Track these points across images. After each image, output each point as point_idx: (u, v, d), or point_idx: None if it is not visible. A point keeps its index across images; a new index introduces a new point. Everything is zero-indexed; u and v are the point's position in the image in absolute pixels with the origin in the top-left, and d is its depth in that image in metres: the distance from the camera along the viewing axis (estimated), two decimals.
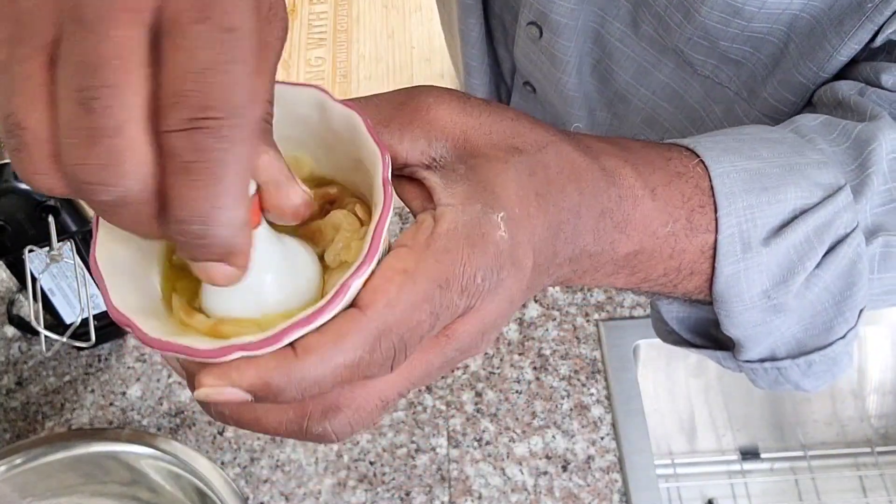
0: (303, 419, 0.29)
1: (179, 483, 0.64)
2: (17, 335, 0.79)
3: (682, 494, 0.85)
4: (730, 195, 0.38)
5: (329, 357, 0.27)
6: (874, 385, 0.80)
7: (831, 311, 0.41)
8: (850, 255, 0.40)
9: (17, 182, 0.61)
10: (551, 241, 0.33)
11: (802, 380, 0.44)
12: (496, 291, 0.31)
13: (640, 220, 0.37)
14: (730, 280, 0.39)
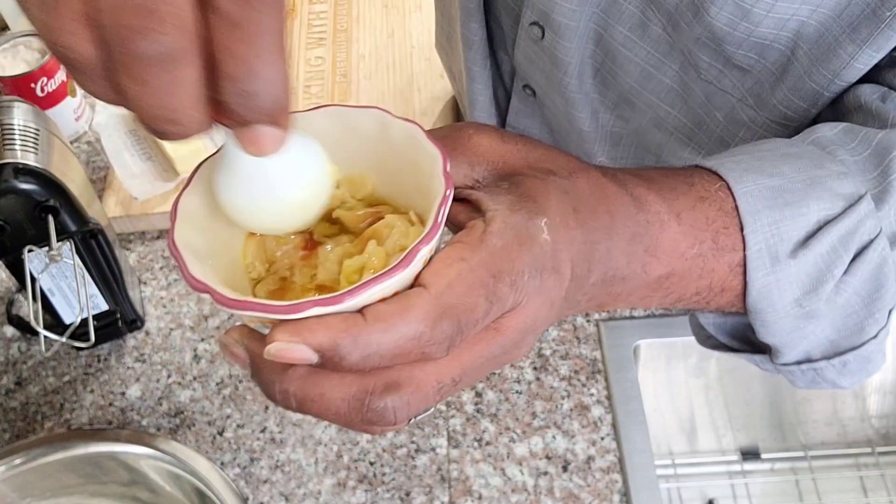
0: (365, 394, 0.30)
1: (179, 483, 0.64)
2: (16, 335, 0.78)
3: (683, 495, 0.85)
4: (755, 213, 0.39)
5: (395, 326, 0.29)
6: (875, 385, 0.80)
7: (862, 312, 0.43)
8: (876, 260, 0.41)
9: (17, 182, 0.61)
10: (587, 256, 0.35)
11: (839, 378, 0.45)
12: (539, 292, 0.33)
13: (668, 244, 0.38)
14: (761, 293, 0.40)
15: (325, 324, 0.29)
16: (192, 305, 0.79)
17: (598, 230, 0.36)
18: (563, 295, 0.34)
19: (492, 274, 0.31)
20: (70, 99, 0.91)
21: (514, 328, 0.33)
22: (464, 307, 0.30)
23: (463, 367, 0.32)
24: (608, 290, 0.38)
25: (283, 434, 0.70)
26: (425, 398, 0.31)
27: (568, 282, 0.34)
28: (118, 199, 0.84)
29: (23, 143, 0.62)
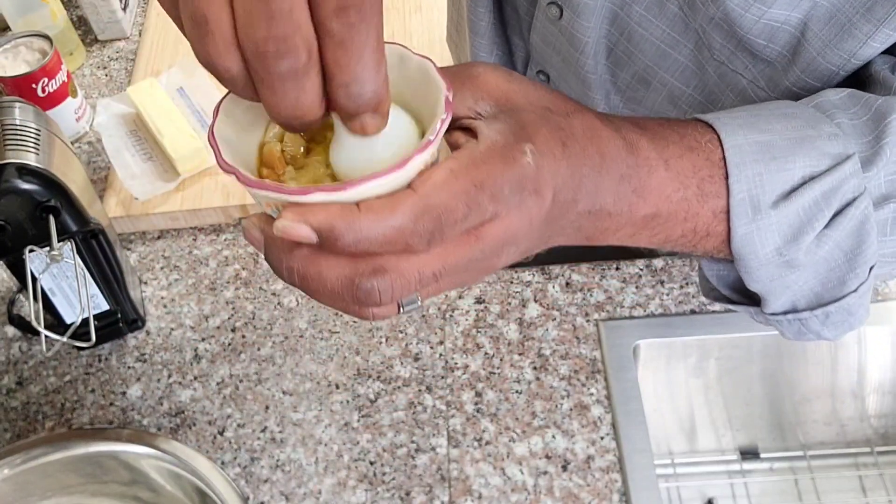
0: (355, 275, 0.36)
1: (180, 483, 0.64)
2: (17, 335, 0.79)
3: (682, 494, 0.85)
4: (741, 164, 0.43)
5: (383, 217, 0.34)
6: (874, 385, 0.80)
7: (843, 266, 0.46)
8: (858, 217, 0.44)
9: (18, 182, 0.61)
10: (572, 187, 0.39)
11: (822, 330, 0.48)
12: (519, 208, 0.37)
13: (655, 187, 0.42)
14: (744, 239, 0.44)
15: (325, 209, 0.34)
16: (192, 305, 0.79)
17: (586, 166, 0.40)
18: (543, 216, 0.38)
19: (474, 184, 0.35)
20: (71, 99, 0.91)
21: (493, 236, 0.37)
22: (444, 208, 0.35)
23: (444, 263, 0.37)
24: (596, 223, 0.42)
25: (283, 434, 0.70)
26: (407, 285, 0.36)
27: (549, 205, 0.38)
28: (119, 200, 0.84)
29: (24, 144, 0.63)
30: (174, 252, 0.83)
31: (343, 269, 0.36)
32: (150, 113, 0.87)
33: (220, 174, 0.85)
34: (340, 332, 0.76)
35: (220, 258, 0.82)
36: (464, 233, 0.37)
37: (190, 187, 0.84)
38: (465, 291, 0.77)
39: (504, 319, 0.75)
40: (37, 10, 0.95)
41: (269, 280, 0.80)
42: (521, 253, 0.40)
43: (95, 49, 1.03)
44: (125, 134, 0.89)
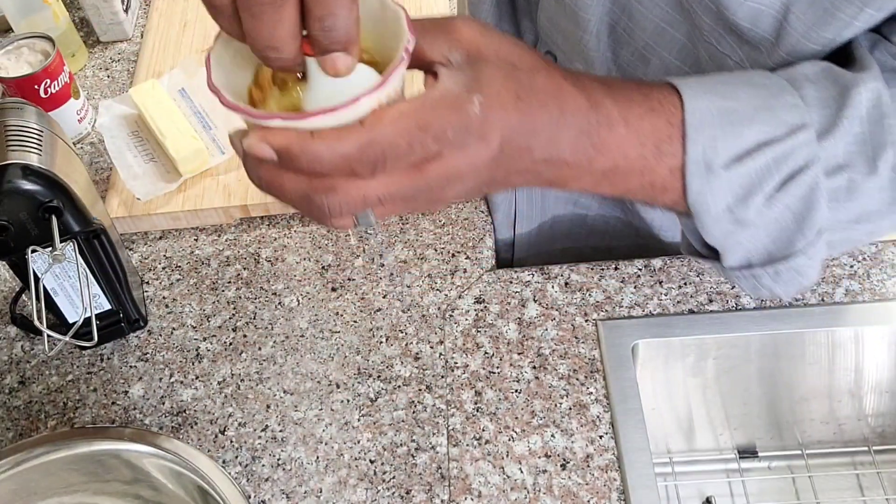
0: (309, 190, 0.42)
1: (181, 481, 0.65)
2: (20, 335, 0.79)
3: (680, 493, 0.85)
4: (698, 127, 0.47)
5: (332, 145, 0.39)
6: (871, 384, 0.81)
7: (793, 227, 0.49)
8: (808, 183, 0.48)
9: (21, 183, 0.61)
10: (525, 136, 0.44)
11: (774, 286, 0.52)
12: (461, 149, 0.42)
13: (613, 143, 0.46)
14: (697, 196, 0.48)
15: (283, 134, 0.40)
16: (194, 305, 0.79)
17: (542, 119, 0.44)
18: (488, 159, 0.43)
19: (419, 125, 0.40)
20: (73, 101, 0.91)
21: (436, 173, 0.42)
22: (388, 143, 0.40)
23: (387, 190, 0.42)
24: (555, 171, 0.47)
25: (284, 433, 0.71)
26: (353, 204, 0.42)
27: (495, 151, 0.43)
28: (121, 200, 0.85)
29: (26, 145, 0.63)
30: (176, 252, 0.83)
31: (300, 184, 0.42)
32: (152, 114, 0.87)
33: (222, 175, 0.85)
34: (341, 332, 0.76)
35: (221, 258, 0.83)
36: (409, 166, 0.42)
37: (191, 188, 0.85)
38: (465, 291, 0.78)
39: (503, 319, 0.76)
40: (39, 12, 0.95)
41: (270, 280, 0.80)
42: (472, 189, 0.45)
43: (97, 50, 1.04)
44: (127, 135, 0.90)
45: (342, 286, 0.79)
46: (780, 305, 0.75)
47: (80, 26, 1.06)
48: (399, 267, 0.80)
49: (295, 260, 0.82)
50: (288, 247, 0.83)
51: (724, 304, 0.75)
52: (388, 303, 0.78)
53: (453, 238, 0.82)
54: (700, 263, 0.54)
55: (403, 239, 0.82)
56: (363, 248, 0.82)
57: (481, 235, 0.82)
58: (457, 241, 0.82)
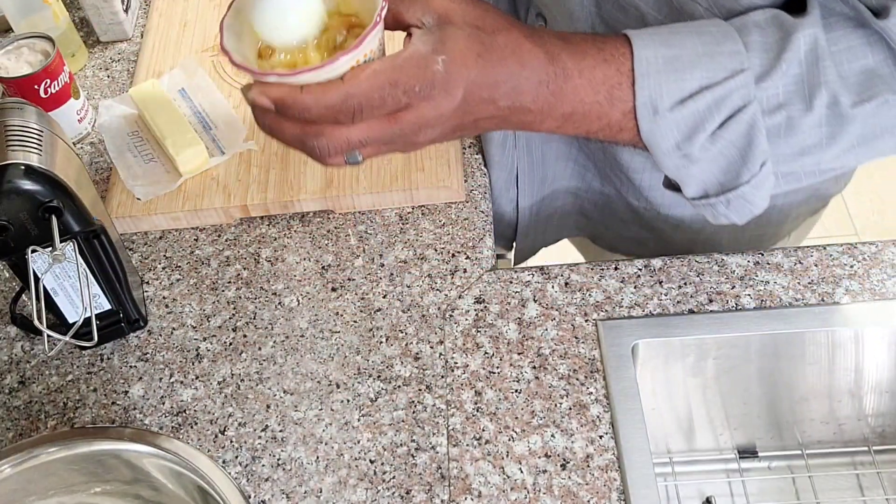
0: (303, 135, 0.51)
1: (181, 481, 0.65)
2: (20, 335, 0.79)
3: (680, 493, 0.85)
4: (645, 75, 0.53)
5: (318, 97, 0.49)
6: (871, 384, 0.81)
7: (738, 160, 0.56)
8: (747, 121, 0.54)
9: (21, 183, 0.61)
10: (487, 90, 0.52)
11: (728, 213, 0.59)
12: (428, 101, 0.50)
13: (570, 91, 0.54)
14: (648, 135, 0.55)
15: (279, 87, 0.50)
16: (194, 305, 0.79)
17: (503, 73, 0.52)
18: (454, 109, 0.51)
19: (389, 82, 0.49)
20: (73, 101, 0.91)
21: (408, 121, 0.51)
22: (364, 96, 0.49)
23: (367, 135, 0.51)
24: (520, 116, 0.54)
25: (284, 433, 0.71)
26: (339, 146, 0.51)
27: (459, 102, 0.51)
28: (121, 200, 0.85)
29: (26, 145, 0.63)
30: (176, 252, 0.84)
31: (295, 130, 0.52)
32: (152, 114, 0.87)
33: (222, 175, 0.85)
34: (341, 332, 0.76)
35: (221, 258, 0.83)
36: (384, 115, 0.51)
37: (191, 188, 0.85)
38: (465, 291, 0.78)
39: (503, 319, 0.76)
40: (39, 12, 0.96)
41: (269, 280, 0.80)
42: (443, 133, 0.54)
43: (97, 50, 1.04)
44: (127, 135, 0.90)
45: (342, 286, 0.79)
46: (780, 305, 0.75)
47: (80, 26, 1.06)
48: (399, 267, 0.80)
49: (295, 260, 0.82)
50: (288, 247, 0.83)
51: (724, 304, 0.75)
52: (388, 303, 0.78)
53: (453, 238, 0.82)
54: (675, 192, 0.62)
55: (403, 239, 0.82)
56: (363, 248, 0.82)
57: (481, 235, 0.82)
58: (457, 241, 0.82)
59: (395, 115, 0.51)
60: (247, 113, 0.91)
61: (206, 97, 0.92)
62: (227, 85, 0.94)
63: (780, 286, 0.76)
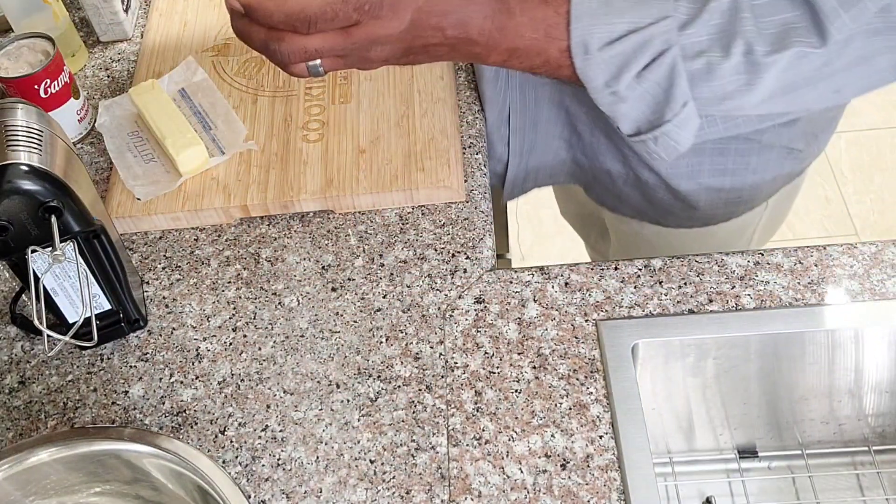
0: (267, 38, 0.59)
1: (181, 481, 0.65)
2: (20, 335, 0.79)
3: (681, 493, 0.85)
4: (579, 17, 0.60)
5: (279, 5, 0.57)
6: (871, 384, 0.81)
7: (662, 99, 0.61)
8: (668, 64, 0.60)
9: (21, 183, 0.61)
10: (435, 18, 0.59)
11: (657, 149, 0.65)
12: (377, 20, 0.58)
13: (511, 28, 0.61)
14: (582, 72, 0.61)
15: None
16: (194, 305, 0.79)
17: (451, 5, 0.59)
18: (402, 30, 0.59)
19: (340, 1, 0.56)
20: (73, 101, 0.91)
21: (359, 35, 0.58)
22: (318, 8, 0.56)
23: (322, 44, 0.58)
24: (468, 48, 0.62)
25: (284, 433, 0.71)
26: (298, 52, 0.59)
27: (407, 25, 0.58)
28: (121, 200, 0.85)
29: (26, 145, 0.63)
30: (176, 252, 0.84)
31: (260, 35, 0.59)
32: (152, 114, 0.87)
33: (222, 175, 0.85)
34: (341, 332, 0.76)
35: (221, 258, 0.83)
36: (338, 30, 0.58)
37: (192, 188, 0.85)
38: (465, 291, 0.78)
39: (503, 319, 0.76)
40: (39, 12, 0.96)
41: (269, 280, 0.80)
42: (394, 53, 0.61)
43: (97, 50, 1.04)
44: (127, 135, 0.90)
45: (342, 286, 0.79)
46: (780, 305, 0.75)
47: (81, 26, 1.06)
48: (399, 267, 0.80)
49: (295, 260, 0.82)
50: (288, 247, 0.83)
51: (724, 304, 0.75)
52: (388, 303, 0.78)
53: (453, 238, 0.82)
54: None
55: (403, 239, 0.82)
56: (363, 248, 0.82)
57: (481, 235, 0.82)
58: (457, 241, 0.82)
59: (347, 30, 0.58)
60: (246, 113, 0.91)
61: (206, 97, 0.92)
62: (227, 85, 0.94)
63: (780, 286, 0.76)
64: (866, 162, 2.21)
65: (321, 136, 0.88)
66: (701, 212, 0.91)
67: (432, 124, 0.87)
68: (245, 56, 0.97)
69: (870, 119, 2.30)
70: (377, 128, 0.88)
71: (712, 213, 0.92)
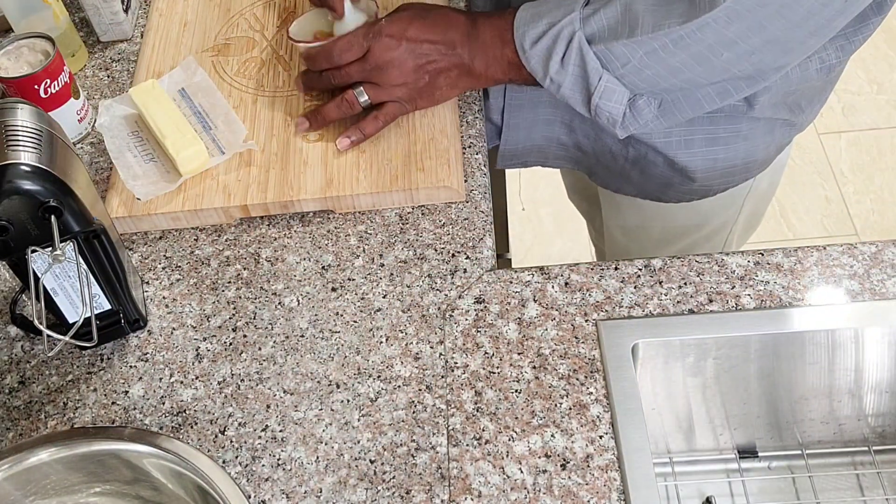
0: (326, 74, 0.85)
1: (181, 481, 0.65)
2: (20, 335, 0.79)
3: (681, 493, 0.85)
4: (518, 25, 0.78)
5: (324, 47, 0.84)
6: (871, 384, 0.81)
7: (583, 77, 0.77)
8: (577, 47, 0.75)
9: (21, 183, 0.61)
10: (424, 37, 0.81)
11: (603, 122, 0.79)
12: (379, 41, 0.81)
13: (480, 36, 0.81)
14: (528, 68, 0.79)
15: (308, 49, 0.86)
16: (194, 305, 0.79)
17: (433, 33, 0.81)
18: (401, 51, 0.81)
19: (353, 34, 0.82)
20: (73, 101, 0.91)
21: (372, 59, 0.81)
22: (342, 41, 0.82)
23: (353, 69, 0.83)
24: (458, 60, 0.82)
25: (284, 433, 0.71)
26: (342, 76, 0.84)
27: (404, 45, 0.81)
28: (121, 200, 0.85)
29: (26, 144, 0.63)
30: (176, 252, 0.84)
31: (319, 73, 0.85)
32: (152, 114, 0.87)
33: (222, 175, 0.85)
34: (341, 332, 0.76)
35: (221, 258, 0.83)
36: (360, 58, 0.82)
37: (192, 188, 0.85)
38: (465, 291, 0.78)
39: (503, 319, 0.76)
40: (39, 12, 0.96)
41: (269, 280, 0.80)
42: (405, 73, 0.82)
43: (97, 50, 1.04)
44: (127, 135, 0.90)
45: (342, 286, 0.79)
46: (780, 305, 0.75)
47: (81, 26, 1.06)
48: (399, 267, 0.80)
49: (295, 260, 0.82)
50: (288, 247, 0.83)
51: (724, 304, 0.75)
52: (388, 303, 0.78)
53: (453, 238, 0.82)
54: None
55: (403, 239, 0.82)
56: (363, 248, 0.82)
57: (481, 235, 0.82)
58: (457, 241, 0.82)
59: (364, 56, 0.81)
60: (246, 113, 0.91)
61: (206, 97, 0.92)
62: (227, 85, 0.94)
63: (780, 286, 0.76)
64: (866, 162, 2.21)
65: (321, 136, 0.88)
66: (698, 183, 0.96)
67: (432, 124, 0.87)
68: (245, 56, 0.97)
69: (870, 119, 2.30)
70: None
71: (709, 184, 0.97)
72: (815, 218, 2.11)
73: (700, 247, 1.10)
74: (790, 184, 2.16)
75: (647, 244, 1.12)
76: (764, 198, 1.08)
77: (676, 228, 1.07)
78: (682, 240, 1.09)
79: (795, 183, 2.17)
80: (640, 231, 1.10)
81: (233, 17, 1.02)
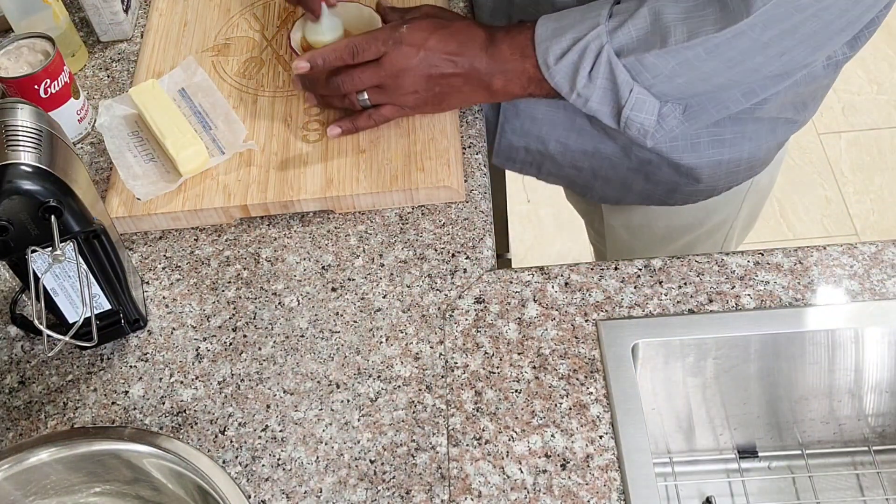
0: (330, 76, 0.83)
1: (181, 481, 0.65)
2: (20, 335, 0.79)
3: (681, 493, 0.85)
4: (539, 42, 0.77)
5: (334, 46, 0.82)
6: (871, 384, 0.81)
7: (613, 90, 0.76)
8: (606, 60, 0.74)
9: (21, 183, 0.61)
10: (445, 52, 0.80)
11: (632, 135, 0.79)
12: (397, 51, 0.80)
13: (500, 53, 0.80)
14: (552, 83, 0.78)
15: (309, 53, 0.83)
16: (194, 305, 0.79)
17: (455, 43, 0.80)
18: (419, 60, 0.80)
19: (370, 36, 0.81)
20: (73, 100, 0.91)
21: (387, 64, 0.80)
22: (359, 40, 0.81)
23: (365, 73, 0.81)
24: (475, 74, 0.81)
25: (284, 433, 0.71)
26: (349, 80, 0.82)
27: (422, 55, 0.80)
28: (121, 200, 0.85)
29: (26, 144, 0.63)
30: (176, 252, 0.84)
31: (324, 75, 0.83)
32: (152, 114, 0.87)
33: (222, 175, 0.85)
34: (341, 332, 0.76)
35: (221, 258, 0.83)
36: (374, 62, 0.81)
37: (192, 188, 0.85)
38: (465, 291, 0.78)
39: (503, 319, 0.76)
40: (39, 12, 0.96)
41: (269, 280, 0.80)
42: (417, 80, 0.81)
43: (97, 50, 1.04)
44: (127, 135, 0.90)
45: (342, 286, 0.79)
46: (780, 305, 0.75)
47: (81, 26, 1.06)
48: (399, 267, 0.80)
49: (295, 260, 0.82)
50: (288, 247, 0.83)
51: (724, 304, 0.75)
52: (388, 303, 0.78)
53: (453, 238, 0.82)
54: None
55: (403, 239, 0.82)
56: (363, 248, 0.82)
57: (481, 235, 0.82)
58: (457, 241, 0.82)
59: (379, 61, 0.80)
60: (246, 113, 0.91)
61: (206, 97, 0.92)
62: (227, 85, 0.94)
63: (780, 286, 0.76)
64: (866, 162, 2.21)
65: (321, 136, 0.88)
66: (704, 184, 0.96)
67: (432, 124, 0.87)
68: (245, 56, 0.97)
69: (870, 119, 2.30)
70: (377, 128, 0.88)
71: (714, 184, 0.97)
72: (815, 218, 2.11)
73: (702, 242, 1.10)
74: (790, 184, 2.16)
75: (651, 241, 1.12)
76: (764, 193, 1.08)
77: (680, 226, 1.07)
78: (684, 236, 1.09)
79: (795, 183, 2.17)
80: (643, 229, 1.10)
81: (233, 17, 1.02)
